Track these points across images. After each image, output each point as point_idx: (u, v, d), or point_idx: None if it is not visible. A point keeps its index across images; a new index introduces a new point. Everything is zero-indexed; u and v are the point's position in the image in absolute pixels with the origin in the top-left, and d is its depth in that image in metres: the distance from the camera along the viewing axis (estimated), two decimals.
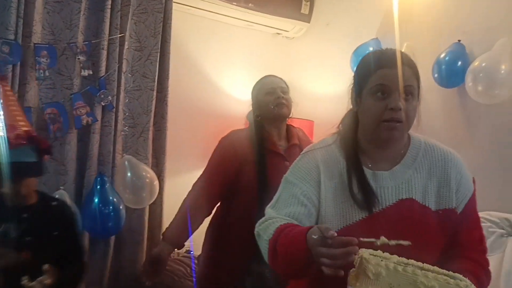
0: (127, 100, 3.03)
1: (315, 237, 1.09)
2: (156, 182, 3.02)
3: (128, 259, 3.07)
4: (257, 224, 1.37)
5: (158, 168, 3.16)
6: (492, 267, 1.43)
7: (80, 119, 2.77)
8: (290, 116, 2.36)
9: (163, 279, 2.83)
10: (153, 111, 3.10)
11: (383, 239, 1.13)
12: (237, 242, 2.20)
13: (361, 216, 1.35)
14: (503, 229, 2.24)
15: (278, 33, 3.97)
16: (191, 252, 3.22)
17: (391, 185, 1.36)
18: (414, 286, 1.08)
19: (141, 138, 3.08)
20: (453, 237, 1.38)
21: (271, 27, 3.82)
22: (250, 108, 2.43)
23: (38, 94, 2.71)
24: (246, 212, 2.13)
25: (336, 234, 1.06)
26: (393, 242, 1.12)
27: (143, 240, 3.11)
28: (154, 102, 3.10)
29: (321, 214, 1.38)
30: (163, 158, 3.18)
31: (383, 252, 1.13)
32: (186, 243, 2.99)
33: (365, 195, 1.35)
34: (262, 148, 2.22)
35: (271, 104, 2.28)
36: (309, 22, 3.82)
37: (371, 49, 2.98)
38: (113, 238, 2.99)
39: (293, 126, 2.43)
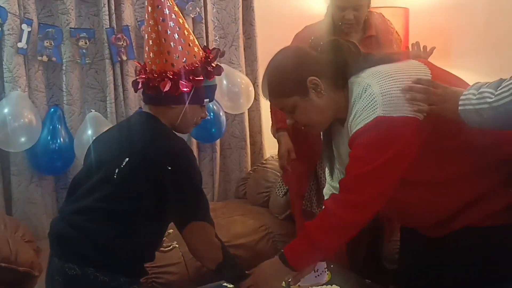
0: (214, 10, 3.11)
1: None
2: (251, 88, 3.13)
3: (235, 163, 3.28)
4: None
5: (252, 75, 3.26)
6: None
7: None
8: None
9: None
10: (241, 19, 3.16)
11: None
12: None
13: None
14: None
15: None
16: None
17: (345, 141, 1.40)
18: None
19: (232, 47, 3.18)
20: None
21: None
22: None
23: (133, 14, 2.89)
24: None
25: None
26: None
27: (246, 145, 3.28)
28: (240, 9, 3.15)
29: None
30: (255, 65, 3.26)
31: None
32: None
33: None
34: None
35: (339, 21, 2.17)
36: None
37: None
38: (218, 144, 3.20)
39: (372, 13, 2.28)
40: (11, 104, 2.47)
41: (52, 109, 2.68)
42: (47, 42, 2.62)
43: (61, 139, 2.62)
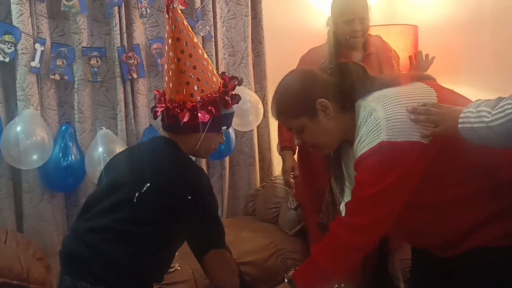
0: (224, 29, 3.15)
1: None
2: (260, 105, 3.16)
3: (244, 179, 3.29)
4: None
5: (261, 92, 3.29)
6: None
7: None
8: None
9: None
10: (250, 37, 3.20)
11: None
12: None
13: None
14: None
15: None
16: None
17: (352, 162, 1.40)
18: None
19: (241, 65, 3.21)
20: None
21: None
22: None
23: (144, 33, 2.94)
24: None
25: None
26: None
27: (255, 162, 3.29)
28: (249, 28, 3.19)
29: None
30: (264, 83, 3.29)
31: None
32: None
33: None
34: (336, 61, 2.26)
35: (347, 35, 2.31)
36: None
37: None
38: (227, 160, 3.21)
39: (370, 35, 2.43)
40: (23, 122, 2.50)
41: (63, 127, 2.70)
42: (59, 61, 2.67)
43: (72, 157, 2.64)
